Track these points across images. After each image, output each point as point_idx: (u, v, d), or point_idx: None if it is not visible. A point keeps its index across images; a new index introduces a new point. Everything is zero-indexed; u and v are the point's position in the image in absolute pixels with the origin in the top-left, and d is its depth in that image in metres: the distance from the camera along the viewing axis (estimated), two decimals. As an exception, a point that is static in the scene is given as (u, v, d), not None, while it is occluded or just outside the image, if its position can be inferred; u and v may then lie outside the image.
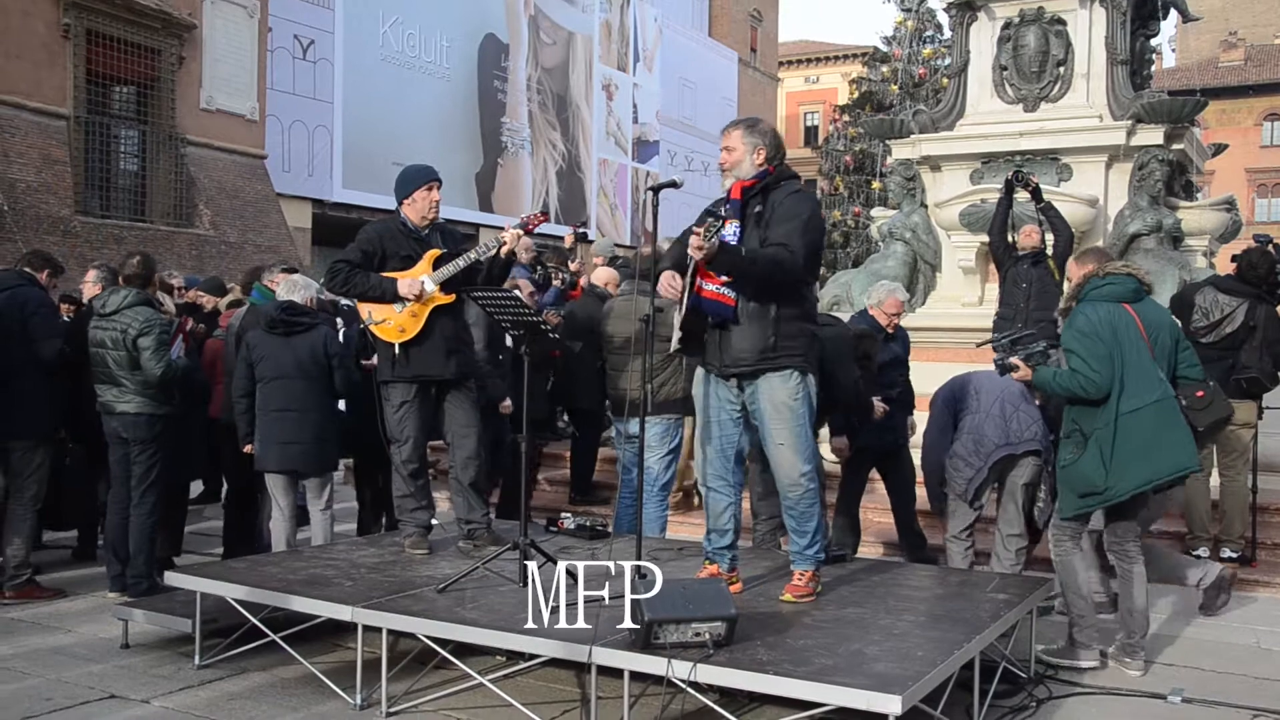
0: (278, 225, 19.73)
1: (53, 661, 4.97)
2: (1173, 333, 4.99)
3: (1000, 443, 5.61)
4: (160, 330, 6.01)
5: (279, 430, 5.98)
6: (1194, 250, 10.06)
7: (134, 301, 6.04)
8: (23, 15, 15.76)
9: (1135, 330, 4.82)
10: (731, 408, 4.58)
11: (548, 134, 29.75)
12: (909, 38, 31.93)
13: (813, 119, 49.64)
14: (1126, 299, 4.92)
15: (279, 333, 6.06)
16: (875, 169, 27.73)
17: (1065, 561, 5.14)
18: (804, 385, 4.48)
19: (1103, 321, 4.83)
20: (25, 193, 15.44)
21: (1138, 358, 4.77)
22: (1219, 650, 5.41)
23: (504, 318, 5.21)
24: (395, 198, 5.58)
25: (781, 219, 4.40)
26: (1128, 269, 5.03)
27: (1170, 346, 4.94)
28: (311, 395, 6.03)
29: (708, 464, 4.64)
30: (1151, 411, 4.73)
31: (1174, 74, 40.10)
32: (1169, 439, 4.75)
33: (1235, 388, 6.66)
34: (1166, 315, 5.11)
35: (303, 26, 22.41)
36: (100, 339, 6.03)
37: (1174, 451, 4.76)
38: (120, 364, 5.98)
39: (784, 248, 4.31)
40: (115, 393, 6.04)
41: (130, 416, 6.02)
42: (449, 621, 4.25)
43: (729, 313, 4.39)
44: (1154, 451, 4.73)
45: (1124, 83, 10.06)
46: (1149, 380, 4.76)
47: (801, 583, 4.58)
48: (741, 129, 4.62)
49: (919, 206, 10.69)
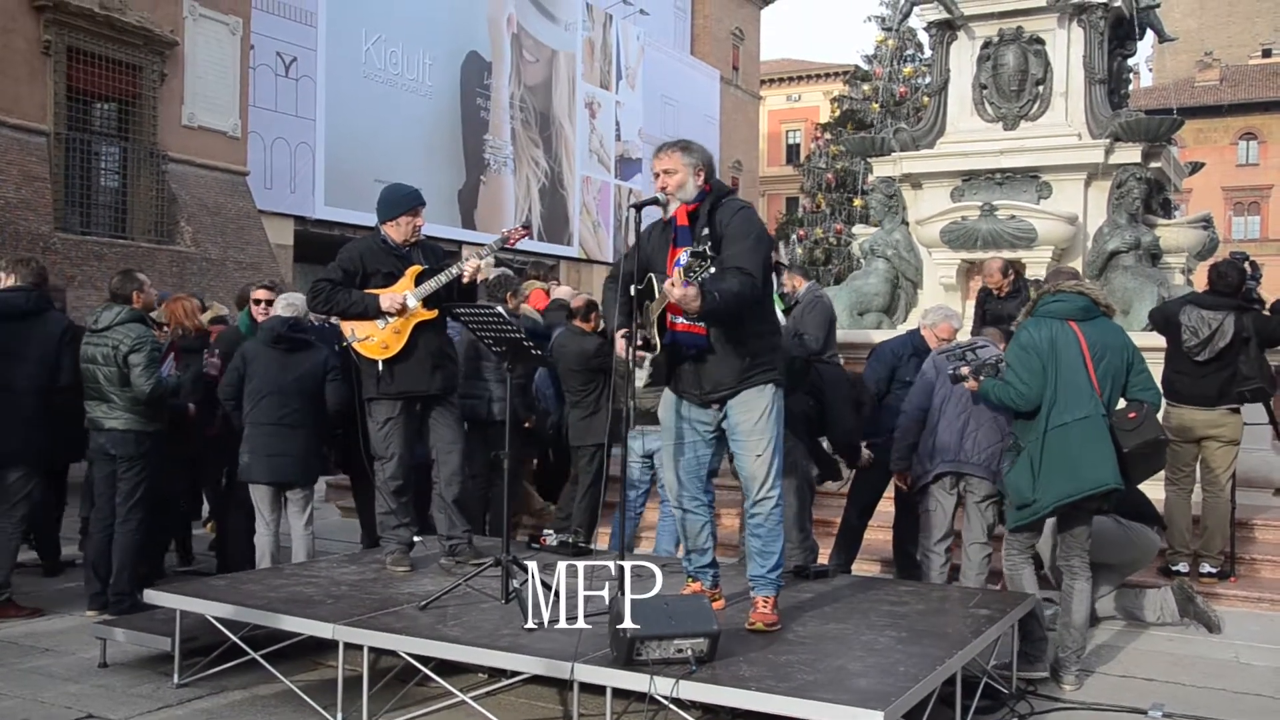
0: (259, 242, 19.66)
1: (30, 681, 4.93)
2: (1125, 354, 5.03)
3: (949, 457, 5.67)
4: (151, 348, 6.02)
5: (268, 443, 6.02)
6: (1172, 267, 10.14)
7: (126, 318, 6.06)
8: (3, 32, 15.70)
9: (1076, 348, 4.93)
10: (705, 429, 4.52)
11: (530, 151, 29.78)
12: (890, 56, 32.12)
13: (794, 137, 49.94)
14: (1074, 317, 5.02)
15: (281, 349, 6.10)
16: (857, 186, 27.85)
17: (1013, 575, 5.21)
18: (777, 398, 4.47)
19: (1042, 338, 4.96)
20: (4, 209, 15.34)
21: (1072, 375, 4.89)
22: (1198, 665, 5.44)
23: (486, 334, 5.21)
24: (378, 216, 5.57)
25: (733, 239, 4.32)
26: (1079, 288, 5.14)
27: (1121, 367, 5.00)
28: (306, 411, 6.10)
29: (681, 487, 4.58)
30: (1078, 428, 4.84)
31: (1151, 93, 40.48)
32: (1091, 454, 4.84)
33: (1239, 399, 6.73)
34: (1120, 337, 5.12)
35: (285, 44, 22.39)
36: (91, 354, 6.03)
37: (1095, 467, 4.85)
38: (110, 380, 5.98)
39: (741, 271, 4.23)
40: (104, 409, 6.03)
41: (118, 433, 6.02)
42: (431, 639, 4.24)
43: (704, 342, 4.36)
44: (1077, 466, 4.85)
45: (1102, 102, 10.16)
46: (1080, 397, 4.87)
47: (768, 609, 4.45)
48: (678, 151, 4.47)
49: (900, 224, 10.74)
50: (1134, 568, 6.27)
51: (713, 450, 4.59)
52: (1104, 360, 4.96)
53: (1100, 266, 9.69)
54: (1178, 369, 6.88)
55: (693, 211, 4.43)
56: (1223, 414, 6.75)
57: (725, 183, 4.64)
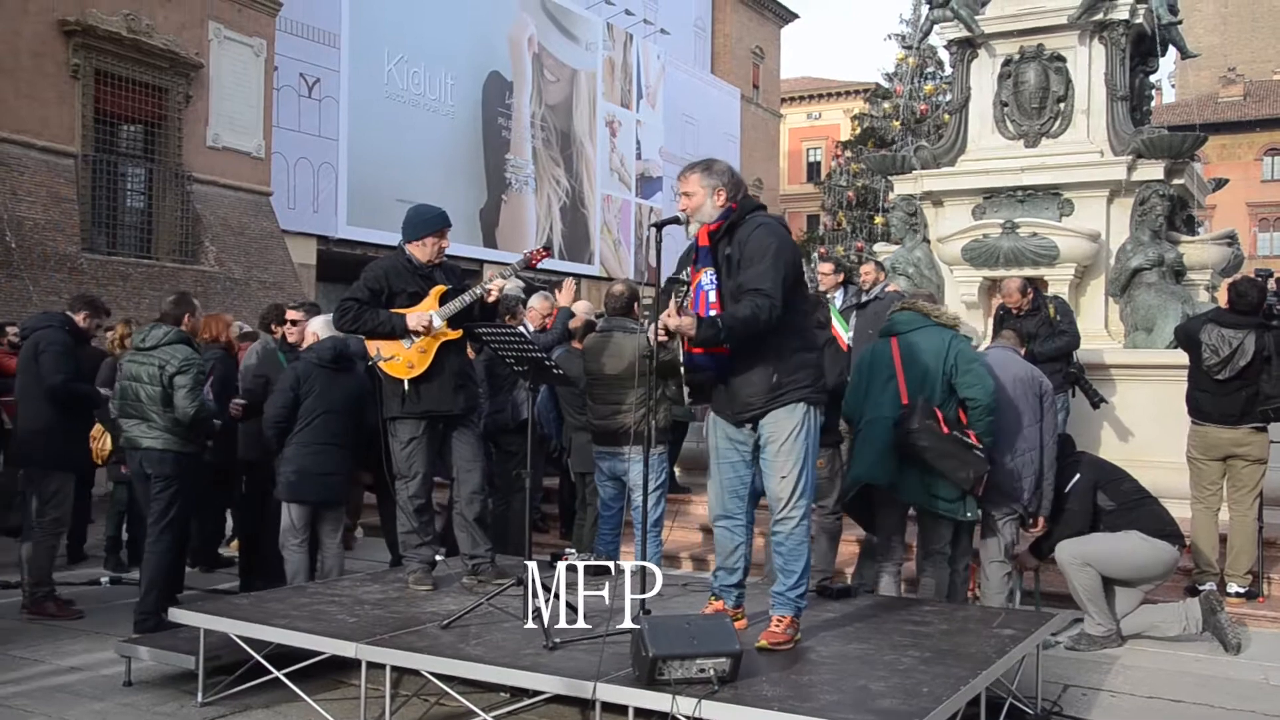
0: (283, 262, 19.81)
1: (56, 699, 4.96)
2: (942, 358, 5.50)
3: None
4: (197, 370, 6.13)
5: (318, 462, 6.11)
6: (1196, 284, 10.07)
7: (173, 339, 6.15)
8: (33, 56, 15.93)
9: (888, 361, 5.61)
10: (742, 448, 4.50)
11: (551, 170, 29.92)
12: (910, 74, 32.12)
13: (815, 155, 49.96)
14: (898, 331, 5.68)
15: (333, 368, 6.22)
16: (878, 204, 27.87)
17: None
18: (809, 417, 4.41)
19: (864, 359, 5.85)
20: (32, 230, 15.53)
21: (881, 385, 5.61)
22: (1226, 686, 5.38)
23: (508, 354, 5.23)
24: (403, 235, 5.61)
25: (750, 259, 4.28)
26: (911, 305, 5.80)
27: (936, 370, 5.50)
28: (350, 431, 6.24)
29: (718, 502, 4.59)
30: (868, 428, 5.61)
31: (1174, 109, 40.37)
32: (864, 453, 5.61)
33: (1263, 418, 6.67)
34: (935, 344, 5.55)
35: (308, 65, 22.61)
36: (136, 373, 6.10)
37: (860, 463, 5.64)
38: (153, 399, 6.06)
39: (758, 293, 4.19)
40: (143, 428, 6.10)
41: (156, 452, 6.09)
42: (453, 658, 4.24)
43: (725, 363, 4.35)
44: (856, 462, 5.71)
45: (1124, 118, 10.12)
46: (877, 404, 5.59)
47: (779, 629, 4.38)
48: (698, 172, 4.46)
49: (921, 242, 10.72)
50: (1152, 583, 6.17)
51: (750, 470, 4.53)
52: (917, 366, 5.51)
53: (1123, 284, 9.64)
54: (1200, 387, 6.84)
55: (714, 231, 4.41)
56: (1247, 432, 6.70)
57: (754, 199, 4.57)
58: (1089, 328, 9.38)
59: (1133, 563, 5.93)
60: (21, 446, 6.75)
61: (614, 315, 6.60)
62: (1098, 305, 9.87)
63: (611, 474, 6.40)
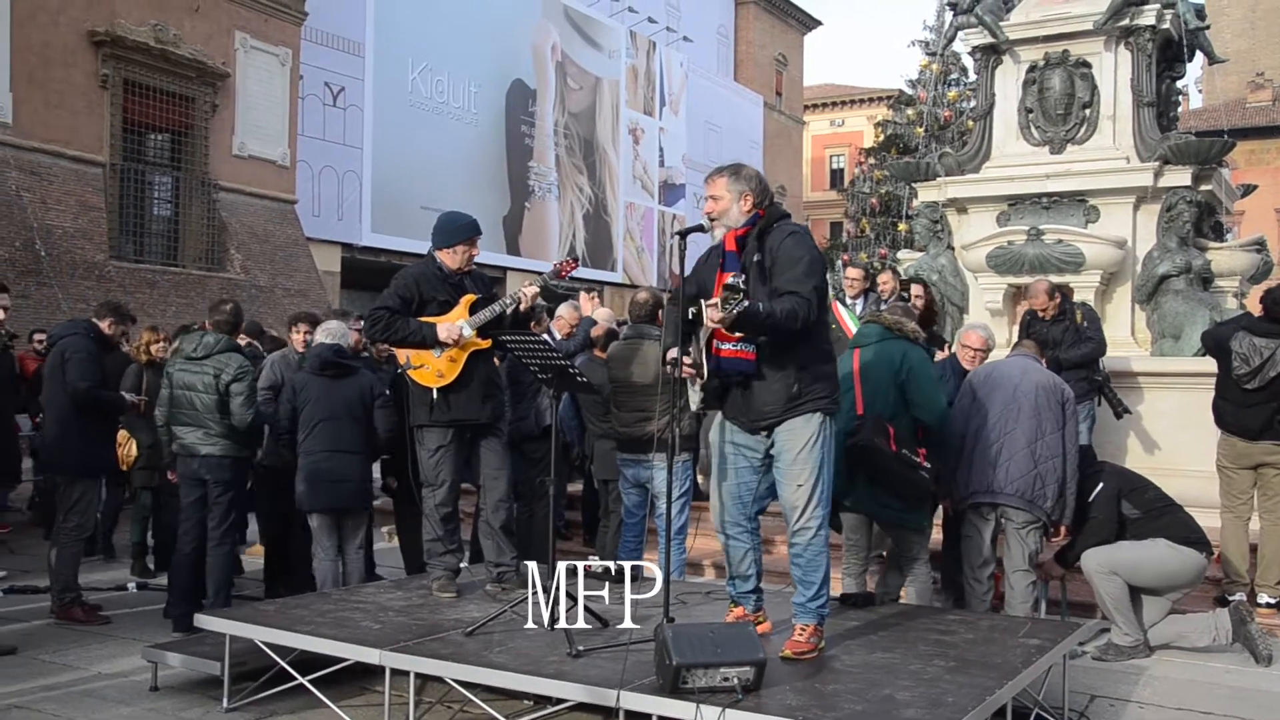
0: (307, 269, 19.95)
1: (83, 704, 5.00)
2: (894, 369, 5.47)
3: (984, 487, 5.74)
4: (251, 378, 6.28)
5: (327, 469, 6.15)
6: (1224, 291, 9.98)
7: (226, 347, 6.29)
8: (64, 66, 16.12)
9: (847, 372, 5.52)
10: (753, 455, 4.49)
11: (574, 178, 30.00)
12: (934, 81, 31.96)
13: (838, 162, 49.79)
14: (860, 344, 5.69)
15: (329, 375, 6.23)
16: (901, 211, 27.73)
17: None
18: (825, 427, 4.40)
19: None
20: (61, 238, 15.70)
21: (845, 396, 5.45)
22: (1258, 698, 5.31)
23: (532, 362, 5.24)
24: (433, 242, 5.62)
25: (785, 264, 4.30)
26: (873, 318, 5.77)
27: (888, 382, 5.47)
28: (358, 437, 6.25)
29: (724, 511, 4.55)
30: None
31: (1201, 115, 40.03)
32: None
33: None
34: (891, 354, 5.53)
35: (333, 74, 22.78)
36: (189, 382, 6.23)
37: None
38: (209, 408, 6.19)
39: (796, 295, 4.20)
40: (200, 435, 6.24)
41: (215, 459, 6.24)
42: (476, 665, 4.25)
43: (750, 368, 4.32)
44: None
45: (1150, 124, 10.05)
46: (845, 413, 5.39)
47: (803, 638, 4.37)
48: (726, 176, 4.47)
49: (945, 249, 10.67)
50: (1179, 591, 6.10)
51: (759, 478, 4.51)
52: (872, 379, 5.49)
53: (1150, 291, 9.56)
54: (1225, 396, 6.77)
55: (741, 236, 4.41)
56: (1272, 446, 6.61)
57: (780, 206, 4.58)
58: (1115, 335, 9.31)
59: (1160, 571, 5.88)
60: (48, 453, 6.86)
61: (639, 322, 6.61)
62: (1124, 312, 9.80)
63: (636, 481, 6.41)
